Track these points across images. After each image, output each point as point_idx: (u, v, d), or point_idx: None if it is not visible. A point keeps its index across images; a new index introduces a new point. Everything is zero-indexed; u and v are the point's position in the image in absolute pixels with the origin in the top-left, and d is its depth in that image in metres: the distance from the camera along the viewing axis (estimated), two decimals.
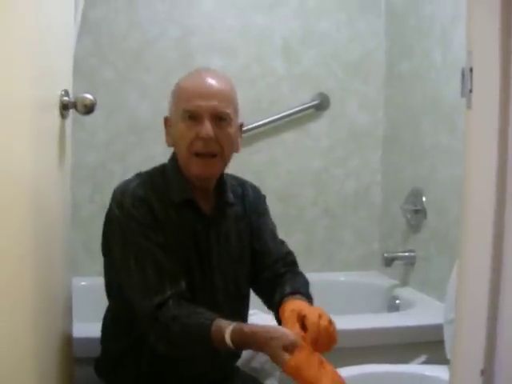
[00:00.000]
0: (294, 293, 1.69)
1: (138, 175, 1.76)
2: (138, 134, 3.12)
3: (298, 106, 3.23)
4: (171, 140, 1.74)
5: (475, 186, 0.96)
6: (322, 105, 3.27)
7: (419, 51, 2.92)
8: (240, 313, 1.82)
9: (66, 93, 1.53)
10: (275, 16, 3.23)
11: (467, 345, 0.95)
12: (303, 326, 1.49)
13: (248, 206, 1.86)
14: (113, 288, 1.79)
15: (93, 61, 3.05)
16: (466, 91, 0.97)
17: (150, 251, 1.59)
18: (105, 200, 3.02)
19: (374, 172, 3.38)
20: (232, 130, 1.69)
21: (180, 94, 1.69)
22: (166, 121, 1.77)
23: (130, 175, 3.01)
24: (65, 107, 1.51)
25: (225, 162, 1.72)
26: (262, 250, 1.85)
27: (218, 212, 1.76)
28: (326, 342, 1.47)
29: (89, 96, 1.51)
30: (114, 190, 1.70)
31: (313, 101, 3.25)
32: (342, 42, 3.30)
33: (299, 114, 3.25)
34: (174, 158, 1.75)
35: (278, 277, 1.80)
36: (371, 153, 3.37)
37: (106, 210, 3.01)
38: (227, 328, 1.47)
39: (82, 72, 2.77)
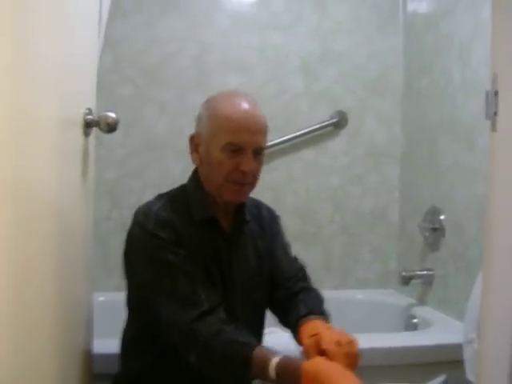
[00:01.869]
0: (308, 314, 1.70)
1: (160, 197, 1.75)
2: (155, 151, 3.14)
3: (316, 124, 3.24)
4: (199, 159, 1.73)
5: (500, 207, 0.96)
6: (340, 122, 3.28)
7: (437, 69, 2.92)
8: (257, 329, 1.83)
9: (90, 111, 1.54)
10: (293, 35, 3.25)
11: (492, 363, 0.95)
12: (322, 355, 1.48)
13: (264, 223, 1.88)
14: (135, 308, 1.79)
15: (111, 77, 3.08)
16: (491, 114, 0.96)
17: (181, 266, 1.59)
18: (123, 216, 3.08)
19: (392, 190, 3.37)
20: (263, 159, 1.72)
21: (222, 123, 1.66)
22: (193, 139, 1.75)
23: (147, 192, 3.06)
24: (88, 125, 1.53)
25: (254, 187, 1.74)
26: (274, 268, 1.86)
27: (237, 229, 1.78)
28: (351, 366, 1.46)
29: (112, 114, 1.52)
30: (136, 213, 1.71)
31: (331, 118, 3.26)
32: (360, 59, 3.31)
33: (317, 132, 3.25)
34: (195, 178, 1.76)
35: (292, 296, 1.81)
36: (389, 170, 3.36)
37: (123, 226, 3.02)
38: (272, 358, 1.46)
39: (101, 88, 2.79)
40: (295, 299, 1.79)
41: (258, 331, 1.84)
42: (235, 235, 1.77)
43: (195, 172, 1.77)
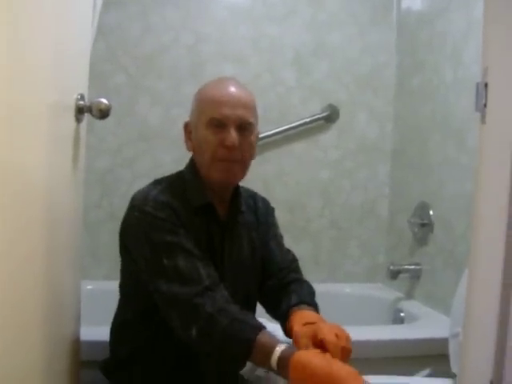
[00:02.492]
0: (300, 303, 1.70)
1: (157, 182, 1.76)
2: (148, 141, 3.14)
3: (307, 117, 3.25)
4: (191, 145, 1.77)
5: (488, 200, 0.97)
6: (331, 116, 3.29)
7: (430, 66, 2.93)
8: None
9: (82, 97, 1.54)
10: (287, 27, 3.25)
11: (476, 356, 0.96)
12: (318, 345, 1.45)
13: (259, 215, 1.90)
14: (127, 294, 1.80)
15: (105, 66, 3.08)
16: (481, 106, 0.98)
17: (179, 244, 1.59)
18: (112, 205, 3.09)
19: (382, 185, 3.39)
20: (253, 138, 1.73)
21: (206, 102, 1.72)
22: (186, 126, 1.80)
23: (137, 181, 3.07)
24: (80, 111, 1.52)
25: (244, 169, 1.75)
26: (267, 259, 1.88)
27: (232, 218, 1.79)
28: (345, 360, 1.44)
29: (104, 101, 1.52)
30: (133, 197, 1.70)
31: (323, 112, 3.27)
32: (353, 54, 3.32)
33: (309, 125, 3.26)
34: (192, 164, 1.78)
35: (284, 286, 1.82)
36: (379, 166, 3.38)
37: (112, 215, 3.07)
38: (276, 347, 1.43)
39: (94, 77, 2.79)
40: (287, 289, 1.80)
41: None
42: (230, 223, 1.78)
43: (192, 159, 1.79)
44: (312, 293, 1.82)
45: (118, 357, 1.81)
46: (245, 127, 1.69)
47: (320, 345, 1.44)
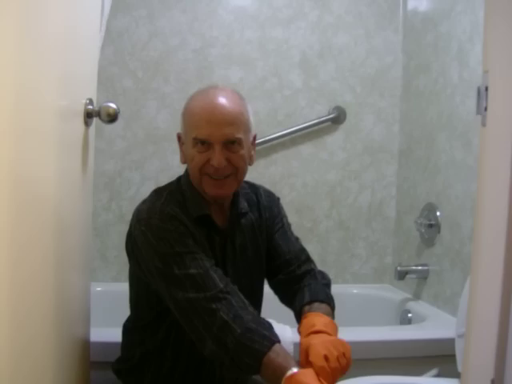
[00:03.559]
0: (312, 301, 1.70)
1: (158, 193, 1.75)
2: (156, 144, 3.16)
3: (314, 119, 3.26)
4: (184, 158, 1.76)
5: (488, 202, 0.99)
6: (338, 118, 3.29)
7: (436, 68, 2.94)
8: None
9: (91, 101, 1.56)
10: (293, 30, 3.26)
11: (478, 355, 0.97)
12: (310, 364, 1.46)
13: (263, 211, 1.88)
14: (138, 308, 1.81)
15: (113, 69, 3.10)
16: (482, 109, 0.99)
17: (189, 254, 1.59)
18: (121, 208, 3.11)
19: (389, 186, 3.39)
20: (245, 150, 1.68)
21: (189, 119, 1.68)
22: (179, 138, 1.79)
23: (146, 184, 3.10)
24: (89, 115, 1.54)
25: (239, 181, 1.72)
26: (273, 252, 1.86)
27: (232, 224, 1.78)
28: (336, 379, 1.46)
29: (112, 105, 1.54)
30: (138, 211, 1.69)
31: (329, 114, 3.28)
32: (359, 56, 3.33)
33: (315, 127, 3.27)
34: (187, 175, 1.76)
35: (297, 279, 1.81)
36: (386, 167, 3.39)
37: (121, 218, 3.09)
38: (288, 370, 1.42)
39: (102, 81, 2.82)
40: (300, 283, 1.80)
41: None
42: (230, 231, 1.77)
43: (187, 169, 1.77)
44: (326, 284, 1.82)
45: (130, 359, 1.82)
46: (233, 143, 1.65)
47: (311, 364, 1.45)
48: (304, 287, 1.77)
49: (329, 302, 1.73)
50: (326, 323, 1.59)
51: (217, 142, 1.62)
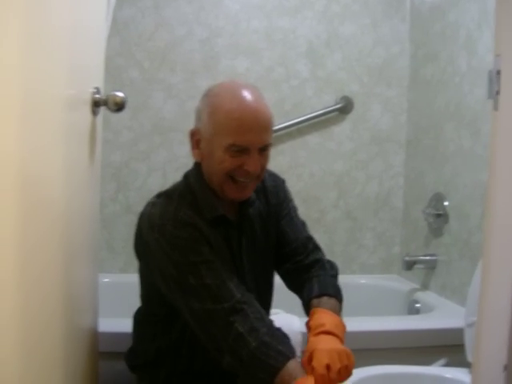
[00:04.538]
0: (322, 295, 1.68)
1: (168, 196, 1.69)
2: (163, 134, 3.16)
3: (321, 109, 3.25)
4: (200, 155, 1.68)
5: (501, 187, 0.98)
6: (345, 108, 3.29)
7: (444, 57, 2.92)
8: (265, 309, 1.84)
9: (98, 90, 1.55)
10: (300, 19, 3.25)
11: (490, 341, 0.97)
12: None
13: (270, 197, 1.85)
14: (149, 304, 1.80)
15: (119, 60, 3.10)
16: (493, 93, 0.98)
17: (204, 262, 1.56)
18: (128, 199, 3.11)
19: (397, 176, 3.39)
20: (269, 152, 1.67)
21: (225, 124, 1.58)
22: (193, 134, 1.69)
23: (153, 175, 3.10)
24: (96, 104, 1.54)
25: (260, 181, 1.71)
26: (281, 239, 1.84)
27: (243, 216, 1.75)
28: None
29: (120, 94, 1.53)
30: (149, 217, 1.64)
31: (336, 104, 3.27)
32: (366, 45, 3.31)
33: (323, 117, 3.27)
34: (198, 174, 1.71)
35: (305, 269, 1.79)
36: (394, 157, 3.38)
37: (128, 209, 3.09)
38: None
39: (109, 71, 2.81)
40: (309, 273, 1.78)
41: (267, 307, 1.84)
42: (242, 224, 1.75)
43: (198, 167, 1.72)
44: (334, 275, 1.80)
45: (144, 354, 1.81)
46: (266, 148, 1.62)
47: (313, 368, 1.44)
48: (313, 278, 1.75)
49: (337, 295, 1.71)
50: (337, 324, 1.57)
51: (255, 148, 1.58)
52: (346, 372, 1.45)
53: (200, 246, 1.58)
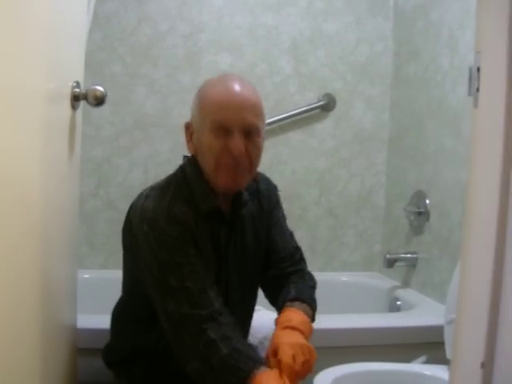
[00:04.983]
0: (294, 299, 1.69)
1: (163, 190, 1.67)
2: (144, 130, 3.14)
3: (304, 106, 3.25)
4: (193, 147, 1.69)
5: (480, 184, 0.98)
6: (328, 105, 3.29)
7: (426, 55, 2.93)
8: (250, 311, 1.85)
9: (78, 84, 1.54)
10: (283, 16, 3.24)
11: (468, 338, 0.97)
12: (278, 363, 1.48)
13: (262, 200, 1.84)
14: (130, 294, 1.79)
15: (101, 55, 3.07)
16: (473, 90, 0.98)
17: (188, 265, 1.56)
18: (109, 194, 3.09)
19: (378, 173, 3.39)
20: (260, 140, 1.65)
21: (208, 104, 1.62)
22: (188, 127, 1.71)
23: (135, 170, 3.08)
24: (76, 98, 1.52)
25: (252, 174, 1.69)
26: (269, 247, 1.84)
27: (235, 214, 1.74)
28: (295, 381, 1.48)
29: (100, 88, 1.52)
30: (141, 209, 1.62)
31: (319, 101, 3.27)
32: (350, 43, 3.31)
33: (305, 114, 3.26)
34: (195, 166, 1.70)
35: (284, 277, 1.80)
36: (376, 154, 3.38)
37: (109, 205, 3.07)
38: None
39: (91, 66, 2.79)
40: (288, 280, 1.79)
41: (250, 311, 1.86)
42: (234, 219, 1.74)
43: (194, 160, 1.71)
44: (312, 286, 1.82)
45: (121, 350, 1.80)
46: (251, 131, 1.61)
47: (279, 363, 1.47)
48: (291, 284, 1.76)
49: (311, 304, 1.73)
50: (303, 322, 1.60)
51: (237, 127, 1.58)
52: (308, 366, 1.49)
53: (187, 247, 1.58)
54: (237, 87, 1.62)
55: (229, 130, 1.58)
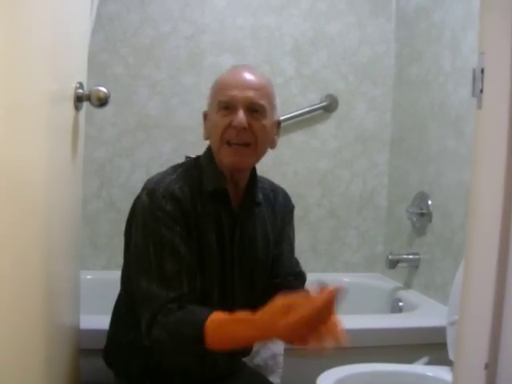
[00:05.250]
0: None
1: (174, 168, 1.73)
2: (147, 131, 3.14)
3: (306, 107, 3.25)
4: (207, 133, 1.74)
5: (483, 186, 0.98)
6: (330, 106, 3.29)
7: (428, 56, 2.93)
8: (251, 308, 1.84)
9: (81, 85, 1.54)
10: (286, 17, 3.24)
11: (472, 339, 0.97)
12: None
13: (277, 212, 1.86)
14: (126, 283, 1.78)
15: (104, 56, 3.07)
16: (477, 91, 0.98)
17: (172, 243, 1.57)
18: (111, 195, 3.09)
19: (381, 174, 3.39)
20: (267, 122, 1.67)
21: (216, 87, 1.70)
22: (204, 117, 1.77)
23: (137, 171, 3.08)
24: (79, 99, 1.53)
25: (257, 154, 1.70)
26: (276, 259, 1.84)
27: (246, 210, 1.75)
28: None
29: (103, 89, 1.53)
30: (148, 180, 1.68)
31: (321, 102, 3.27)
32: (352, 44, 3.31)
33: (307, 115, 3.26)
34: (208, 150, 1.74)
35: (287, 285, 1.77)
36: (378, 155, 3.38)
37: (111, 206, 3.07)
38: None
39: (93, 67, 2.79)
40: (285, 279, 1.81)
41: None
42: (243, 215, 1.74)
43: (209, 148, 1.75)
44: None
45: (118, 344, 1.80)
46: (255, 109, 1.64)
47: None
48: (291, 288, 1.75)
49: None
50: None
51: (241, 104, 1.62)
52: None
53: (176, 226, 1.59)
54: (244, 70, 1.71)
55: (234, 107, 1.63)
